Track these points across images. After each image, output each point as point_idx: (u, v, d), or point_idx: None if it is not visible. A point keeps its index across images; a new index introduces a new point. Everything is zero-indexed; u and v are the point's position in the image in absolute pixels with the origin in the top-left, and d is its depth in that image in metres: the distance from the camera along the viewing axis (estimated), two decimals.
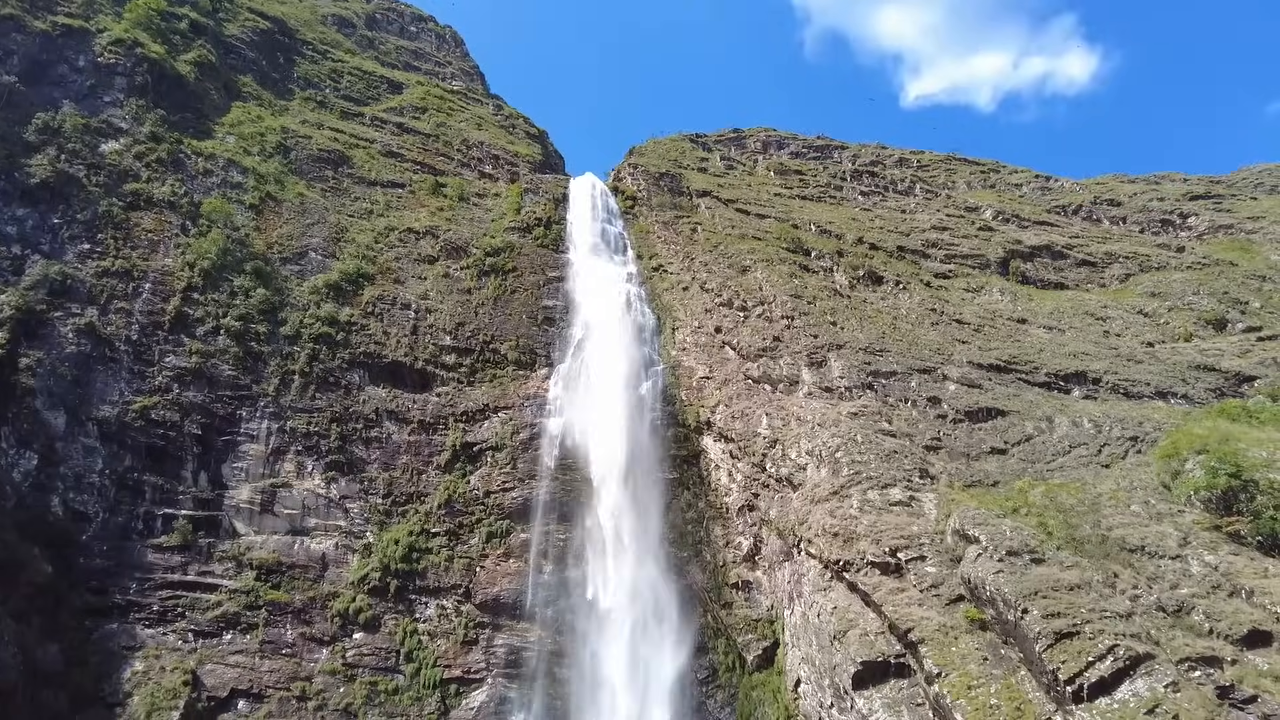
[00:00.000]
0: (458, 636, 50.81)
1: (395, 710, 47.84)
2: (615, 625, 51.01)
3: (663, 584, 52.30)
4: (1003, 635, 37.21)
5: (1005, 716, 34.34)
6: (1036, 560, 37.85)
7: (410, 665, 49.53)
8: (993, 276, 75.44)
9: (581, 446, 56.71)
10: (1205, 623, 33.63)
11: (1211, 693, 30.22)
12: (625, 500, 54.39)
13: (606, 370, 59.86)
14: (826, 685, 42.12)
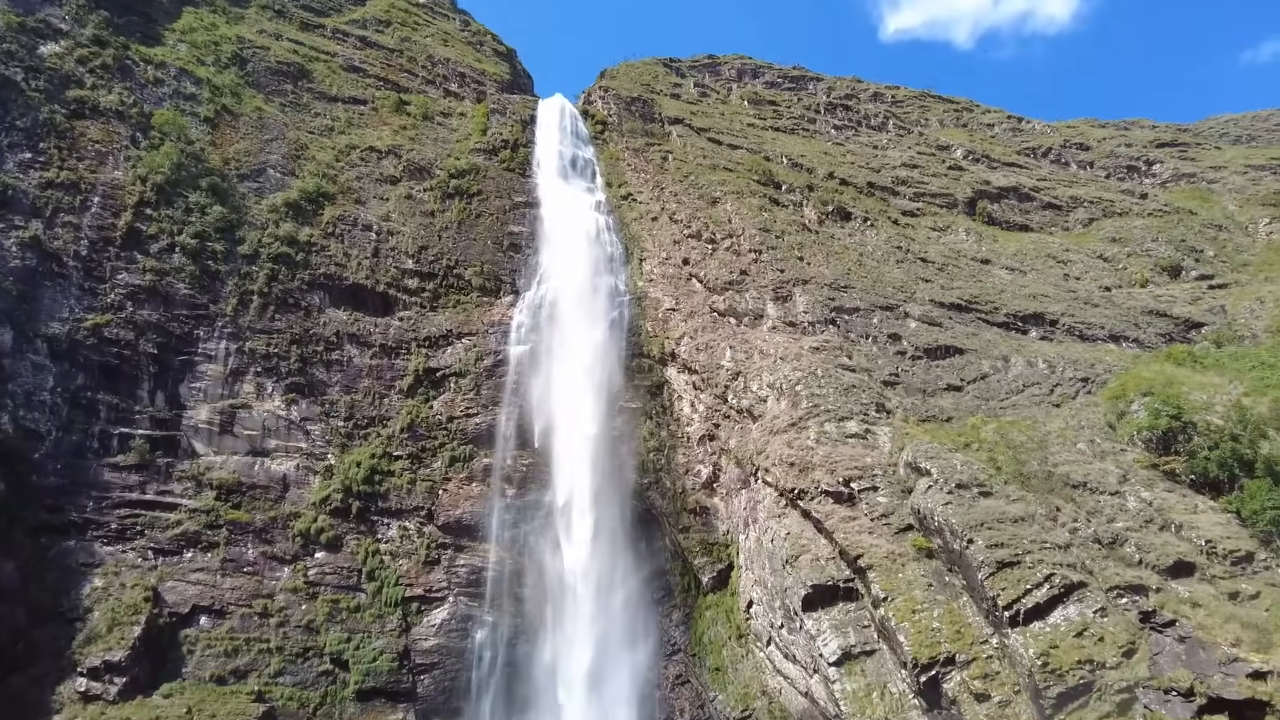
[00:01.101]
0: (420, 557, 51.56)
1: (357, 627, 48.74)
2: (576, 550, 52.10)
3: (623, 510, 53.31)
4: (948, 563, 38.82)
5: (945, 639, 36.11)
6: (984, 493, 39.28)
7: (372, 584, 50.28)
8: (959, 216, 75.87)
9: (546, 376, 56.81)
10: (1136, 554, 35.38)
11: (1135, 618, 32.04)
12: (589, 429, 54.90)
13: (572, 300, 59.57)
14: (777, 607, 43.76)
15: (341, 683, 47.11)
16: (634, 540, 53.09)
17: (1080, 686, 31.24)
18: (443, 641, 50.17)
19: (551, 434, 55.17)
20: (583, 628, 50.53)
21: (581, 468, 53.71)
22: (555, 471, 54.20)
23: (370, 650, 47.99)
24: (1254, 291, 61.08)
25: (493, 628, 51.51)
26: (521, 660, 51.02)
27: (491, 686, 50.35)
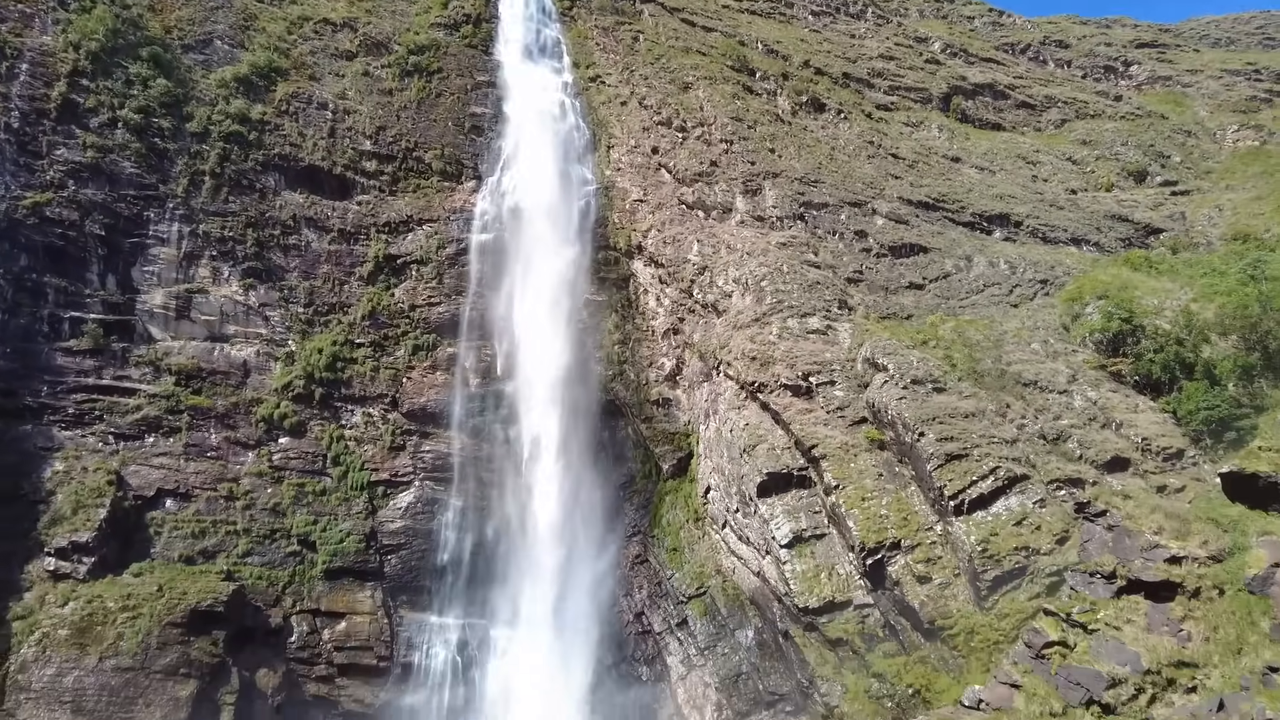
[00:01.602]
0: (385, 443, 52.10)
1: (323, 510, 49.64)
2: (541, 439, 53.00)
3: (587, 401, 54.02)
4: (898, 455, 40.38)
5: (892, 525, 38.00)
6: (938, 389, 40.47)
7: (338, 469, 50.90)
8: (933, 112, 74.66)
9: (509, 265, 56.10)
10: (1077, 450, 37.10)
11: (1071, 508, 33.91)
12: (552, 320, 54.82)
13: (537, 188, 58.16)
14: (734, 493, 45.45)
15: (309, 563, 48.36)
16: (597, 430, 54.07)
17: (1015, 570, 33.36)
18: (409, 524, 51.44)
19: (515, 325, 55.04)
20: (546, 513, 52.04)
21: (545, 359, 53.93)
22: (519, 362, 54.38)
23: (337, 532, 49.09)
24: (1214, 199, 61.80)
25: (459, 511, 52.82)
26: (487, 541, 52.64)
27: (458, 566, 52.11)
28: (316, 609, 47.90)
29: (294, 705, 45.81)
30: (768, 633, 43.25)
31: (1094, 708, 24.75)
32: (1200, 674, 24.81)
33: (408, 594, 51.05)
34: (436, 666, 49.84)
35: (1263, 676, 22.92)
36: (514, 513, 52.86)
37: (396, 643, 49.67)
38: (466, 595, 51.81)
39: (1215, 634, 25.77)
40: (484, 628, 51.49)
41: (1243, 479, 28.63)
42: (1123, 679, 25.16)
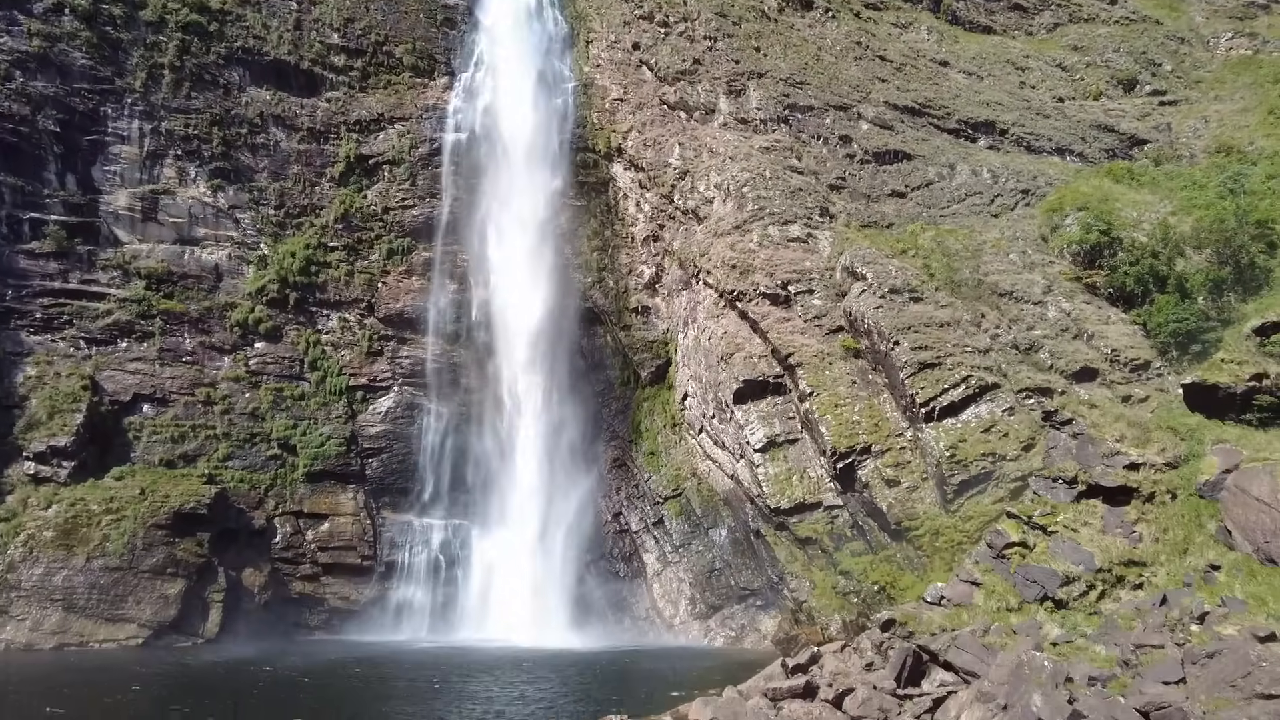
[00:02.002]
0: (362, 348, 51.95)
1: (302, 414, 49.89)
2: (519, 342, 53.01)
3: (564, 306, 53.85)
4: (873, 363, 41.01)
5: (864, 431, 38.96)
6: (915, 299, 40.75)
7: (315, 374, 50.88)
8: (923, 13, 71.98)
9: (484, 166, 54.70)
10: (1048, 360, 37.83)
11: (1039, 417, 34.85)
12: (529, 225, 53.97)
13: (511, 84, 56.11)
14: (710, 399, 46.19)
15: (290, 466, 48.94)
16: (577, 337, 54.17)
17: (981, 475, 34.52)
18: (389, 428, 51.92)
19: (491, 229, 54.16)
20: (526, 417, 52.65)
21: (523, 264, 53.40)
22: (496, 268, 53.81)
23: (317, 436, 49.50)
24: (1201, 110, 60.96)
25: (438, 415, 53.31)
26: (467, 445, 53.37)
27: (439, 469, 52.99)
28: (299, 511, 48.82)
29: (280, 603, 47.29)
30: (740, 532, 44.83)
31: (1048, 603, 26.15)
32: (1148, 572, 26.19)
33: (390, 496, 52.03)
34: (420, 565, 51.38)
35: (1204, 574, 24.26)
36: (493, 417, 53.46)
37: (380, 543, 50.98)
38: (448, 497, 52.92)
39: (1165, 535, 27.09)
40: (466, 528, 52.86)
41: (1203, 389, 29.51)
42: (1076, 577, 26.51)
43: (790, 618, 39.91)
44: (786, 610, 40.57)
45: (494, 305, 53.62)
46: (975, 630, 24.30)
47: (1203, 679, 17.56)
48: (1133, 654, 20.42)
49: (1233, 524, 24.91)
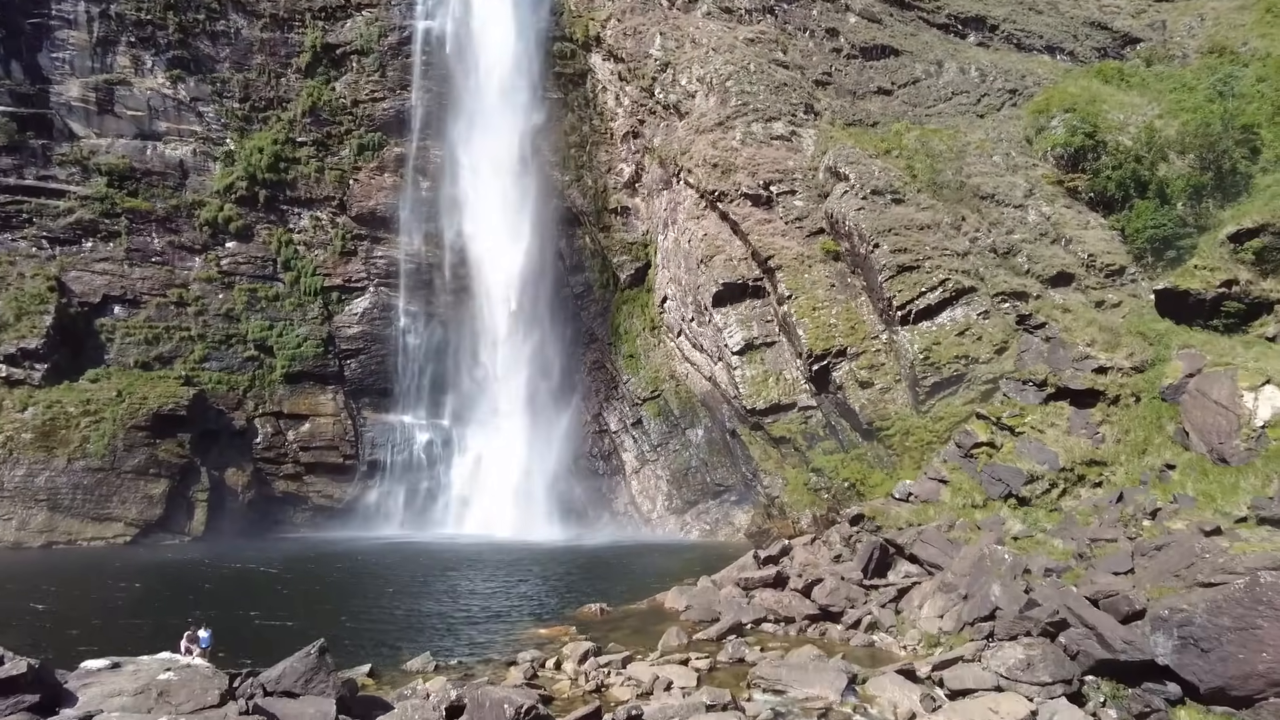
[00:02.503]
0: (335, 248, 51.02)
1: (278, 315, 49.40)
2: (494, 238, 52.21)
3: (542, 205, 52.85)
4: (852, 266, 40.97)
5: (840, 333, 39.32)
6: (897, 200, 40.37)
7: (289, 274, 50.10)
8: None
9: (457, 58, 52.38)
10: (1025, 264, 37.96)
11: (1013, 320, 35.26)
12: (505, 116, 52.22)
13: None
14: (689, 302, 46.20)
15: (268, 367, 48.84)
16: (553, 237, 53.43)
17: (953, 377, 35.17)
18: (366, 329, 51.66)
19: (465, 122, 52.41)
20: (505, 320, 52.46)
21: (498, 159, 52.00)
22: (470, 162, 52.40)
23: (294, 337, 49.20)
24: (1197, 6, 59.03)
25: (415, 316, 53.03)
26: (445, 346, 53.37)
27: (418, 370, 53.11)
28: (279, 412, 49.05)
29: (265, 502, 48.17)
30: (716, 432, 45.76)
31: (1011, 500, 27.20)
32: (1108, 471, 27.21)
33: (369, 396, 52.29)
34: (402, 464, 52.24)
35: (1160, 473, 25.25)
36: (471, 318, 53.24)
37: (361, 442, 51.59)
38: (428, 398, 53.26)
39: (1126, 436, 28.00)
40: (446, 428, 53.49)
41: (1174, 295, 29.91)
42: (1040, 475, 27.50)
43: (763, 513, 41.29)
44: (759, 506, 41.92)
45: (468, 203, 52.50)
46: (941, 525, 25.33)
47: (1149, 569, 18.54)
48: (1088, 547, 21.44)
49: (1191, 426, 25.74)
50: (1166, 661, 14.83)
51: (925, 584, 21.50)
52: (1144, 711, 13.99)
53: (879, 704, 13.74)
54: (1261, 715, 13.80)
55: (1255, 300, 28.01)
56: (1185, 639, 14.72)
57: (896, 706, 13.50)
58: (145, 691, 10.30)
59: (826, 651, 16.80)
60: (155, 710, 9.55)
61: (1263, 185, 34.62)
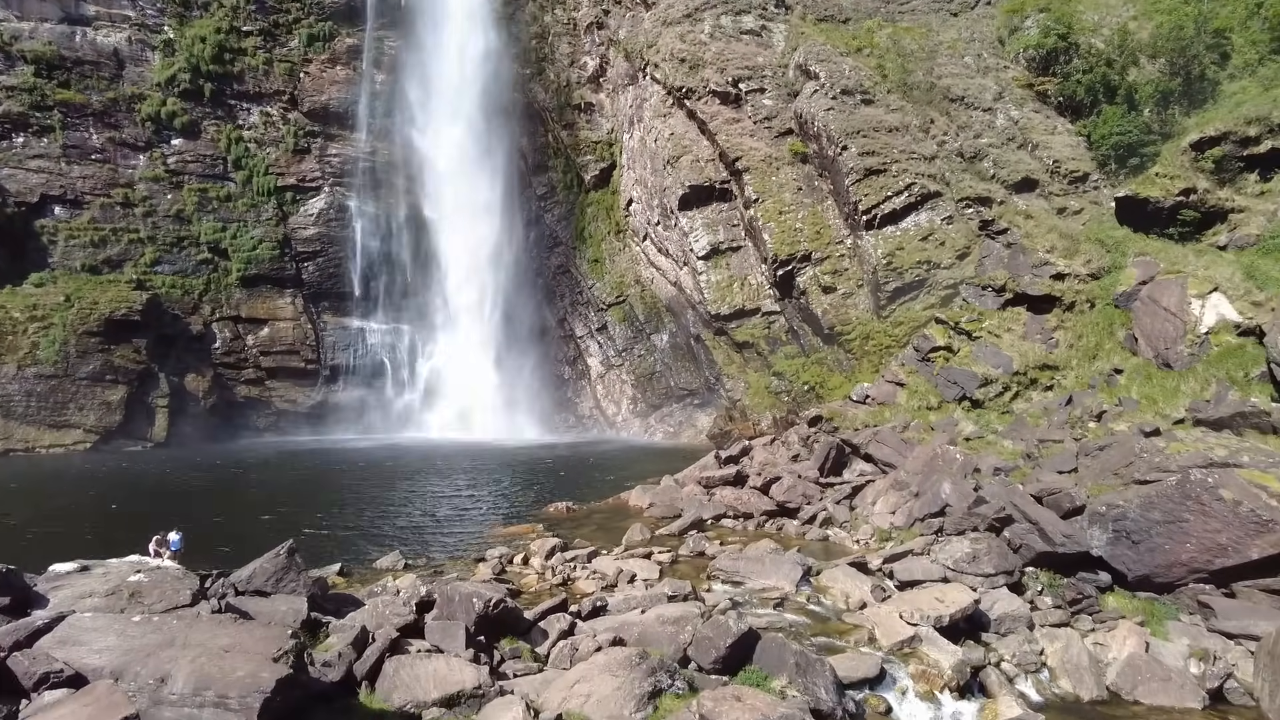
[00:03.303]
0: (288, 145, 49.07)
1: (231, 216, 47.83)
2: (454, 135, 50.60)
3: (501, 99, 51.04)
4: (819, 168, 40.54)
5: (805, 239, 39.26)
6: (867, 101, 39.66)
7: (241, 173, 48.25)
8: None
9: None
10: (991, 169, 37.86)
11: (976, 226, 35.45)
12: (464, 3, 49.72)
13: None
14: (655, 205, 45.58)
15: (224, 270, 47.61)
16: (515, 134, 51.92)
17: (915, 282, 35.52)
18: (323, 230, 50.36)
19: (422, 11, 49.82)
20: (464, 216, 51.41)
21: (458, 48, 49.79)
22: (428, 53, 50.12)
23: (249, 239, 47.81)
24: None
25: (373, 218, 51.71)
26: (406, 248, 52.37)
27: (379, 273, 52.21)
28: (237, 316, 48.15)
29: (227, 406, 47.85)
30: (681, 337, 46.08)
31: (965, 403, 28.05)
32: (1059, 375, 28.09)
33: (329, 300, 51.46)
34: (365, 367, 52.01)
35: (1108, 378, 26.16)
36: (433, 220, 52.12)
37: (323, 346, 51.10)
38: (390, 301, 52.62)
39: (1079, 341, 28.79)
40: (408, 332, 53.12)
41: (1134, 203, 30.21)
42: (994, 379, 28.31)
43: (725, 415, 42.14)
44: (722, 408, 42.74)
45: (428, 97, 50.54)
46: (896, 426, 26.12)
47: (1092, 468, 19.44)
48: (1036, 448, 22.33)
49: (1140, 332, 26.51)
50: (1100, 553, 15.74)
51: (879, 482, 22.33)
52: (1076, 599, 14.93)
53: (832, 594, 14.46)
54: (1180, 599, 14.85)
55: (1211, 209, 28.41)
56: (1119, 532, 15.60)
57: (848, 596, 14.21)
58: (117, 592, 10.46)
59: (783, 545, 17.50)
60: (128, 610, 9.73)
61: (1229, 92, 34.57)
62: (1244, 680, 12.37)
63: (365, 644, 9.84)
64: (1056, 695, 12.18)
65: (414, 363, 53.00)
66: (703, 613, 12.11)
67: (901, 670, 11.54)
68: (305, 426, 49.89)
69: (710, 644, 10.75)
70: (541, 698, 9.39)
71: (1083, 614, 14.58)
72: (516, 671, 10.37)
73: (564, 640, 11.25)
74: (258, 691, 7.03)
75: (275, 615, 9.92)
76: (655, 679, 9.53)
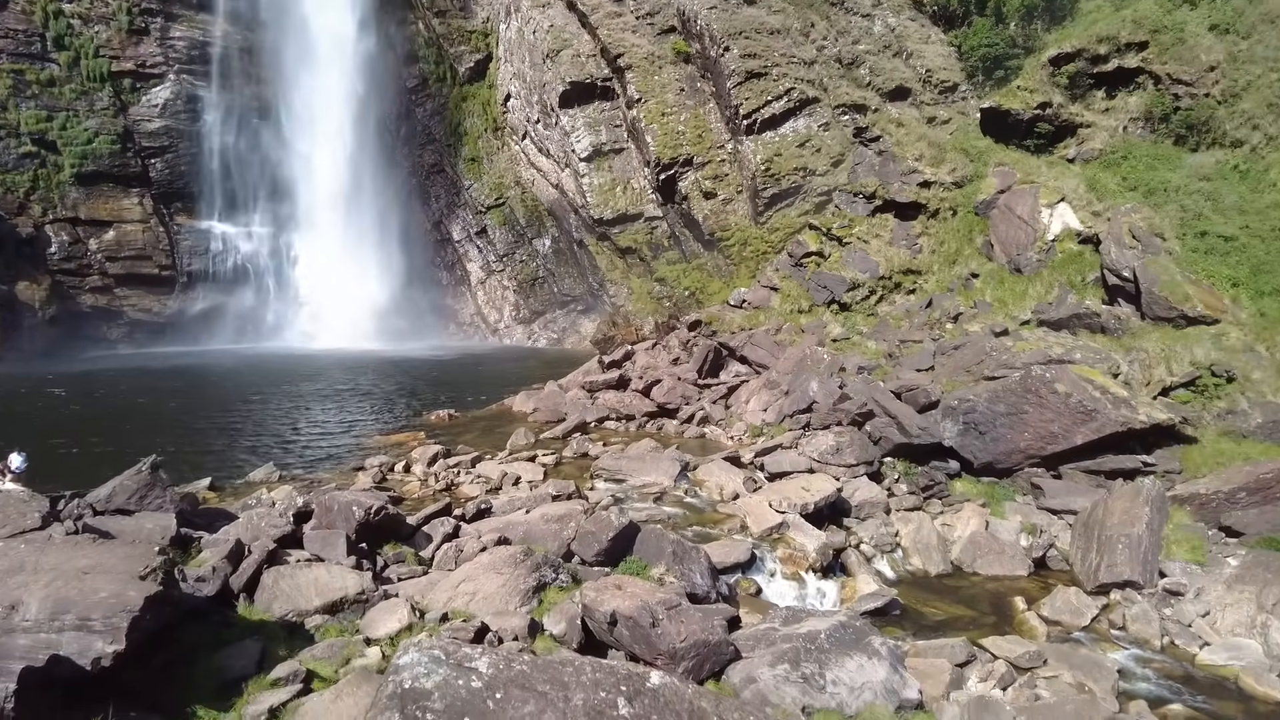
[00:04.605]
0: (121, 24, 43.85)
1: (56, 104, 42.70)
2: (317, 19, 46.67)
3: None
4: (702, 69, 40.04)
5: (688, 141, 39.08)
6: (749, 0, 39.12)
7: (65, 54, 42.88)
8: None
9: None
10: (867, 76, 38.50)
11: (850, 133, 36.25)
12: None
13: None
14: (535, 102, 43.98)
15: (55, 166, 42.84)
16: (382, 21, 48.41)
17: (791, 189, 36.24)
18: (170, 124, 45.96)
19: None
20: (329, 109, 48.11)
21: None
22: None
23: (82, 132, 43.05)
24: None
25: (228, 111, 47.54)
26: (265, 145, 48.68)
27: (237, 172, 48.46)
28: (75, 218, 43.71)
29: (71, 318, 43.90)
30: (564, 241, 45.53)
31: (833, 306, 29.34)
32: (921, 279, 29.72)
33: (182, 201, 47.48)
34: (228, 273, 48.76)
35: (965, 282, 27.92)
36: (296, 113, 48.43)
37: (178, 251, 47.39)
38: (252, 202, 49.12)
39: (941, 247, 30.41)
40: (275, 235, 49.97)
41: (997, 114, 31.60)
42: (861, 283, 29.64)
43: (609, 321, 42.43)
44: (605, 314, 42.97)
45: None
46: (769, 329, 27.12)
47: (947, 366, 20.96)
48: (897, 348, 23.78)
49: (996, 239, 28.26)
50: (951, 443, 17.18)
51: (753, 382, 23.30)
52: (928, 485, 16.34)
53: (707, 487, 15.21)
54: (1016, 482, 16.53)
55: (1064, 123, 30.09)
56: (968, 424, 17.02)
57: (723, 489, 15.00)
58: None
59: (663, 444, 18.14)
60: None
61: (1086, 10, 36.19)
62: (1062, 549, 14.03)
63: (241, 557, 9.63)
64: (908, 571, 13.45)
65: (281, 269, 50.07)
66: (586, 510, 12.49)
67: (770, 555, 12.39)
68: (165, 338, 46.64)
69: (593, 538, 11.16)
70: (427, 599, 9.54)
71: (933, 498, 16.02)
72: (401, 575, 10.45)
73: (448, 543, 11.38)
74: (124, 611, 6.78)
75: (141, 533, 9.50)
76: (540, 574, 9.85)
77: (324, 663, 7.87)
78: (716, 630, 8.63)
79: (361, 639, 8.46)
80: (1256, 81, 26.13)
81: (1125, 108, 29.32)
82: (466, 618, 8.89)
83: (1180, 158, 26.31)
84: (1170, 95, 27.91)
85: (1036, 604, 12.04)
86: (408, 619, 8.71)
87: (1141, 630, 11.39)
